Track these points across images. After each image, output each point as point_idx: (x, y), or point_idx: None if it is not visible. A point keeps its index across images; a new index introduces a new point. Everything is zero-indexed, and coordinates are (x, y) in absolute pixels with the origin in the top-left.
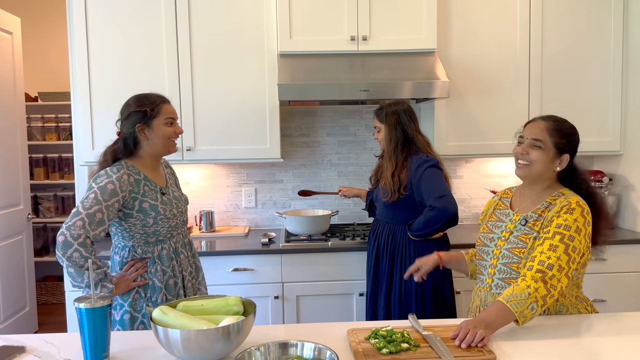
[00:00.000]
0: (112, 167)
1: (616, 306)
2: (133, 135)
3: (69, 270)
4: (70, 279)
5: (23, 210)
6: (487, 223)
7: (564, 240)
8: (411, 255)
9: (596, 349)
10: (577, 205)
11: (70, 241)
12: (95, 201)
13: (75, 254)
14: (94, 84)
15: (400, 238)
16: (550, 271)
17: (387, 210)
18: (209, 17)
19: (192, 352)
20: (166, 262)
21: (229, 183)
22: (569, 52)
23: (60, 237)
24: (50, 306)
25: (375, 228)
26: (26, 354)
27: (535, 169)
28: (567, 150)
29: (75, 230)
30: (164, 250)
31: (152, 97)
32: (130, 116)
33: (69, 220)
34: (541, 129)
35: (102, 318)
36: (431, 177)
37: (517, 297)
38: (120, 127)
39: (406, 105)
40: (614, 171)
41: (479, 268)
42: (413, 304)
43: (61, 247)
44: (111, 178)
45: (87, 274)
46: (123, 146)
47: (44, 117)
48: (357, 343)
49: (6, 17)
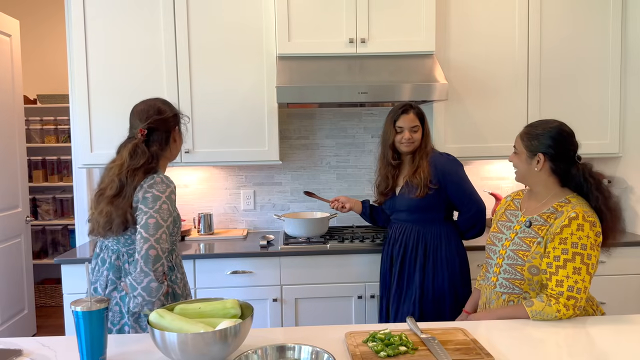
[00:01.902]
0: (163, 175)
1: (616, 308)
2: (167, 137)
3: (150, 285)
4: (145, 293)
5: (22, 212)
6: (497, 222)
7: (584, 260)
8: (443, 253)
9: (596, 351)
10: (584, 219)
11: (160, 255)
12: (169, 212)
13: (161, 267)
14: (93, 87)
15: (432, 238)
16: (579, 295)
17: (412, 214)
18: (207, 20)
19: (189, 355)
20: (180, 269)
21: (228, 185)
22: (567, 54)
23: (152, 251)
24: (48, 309)
25: (400, 232)
26: (23, 357)
27: (519, 174)
28: (540, 150)
29: (164, 243)
30: (177, 259)
31: (173, 105)
32: (169, 118)
33: (153, 232)
34: (518, 136)
35: (98, 321)
36: (465, 177)
37: (544, 315)
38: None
39: None
40: (612, 173)
41: (486, 266)
42: (447, 304)
43: (152, 261)
44: (171, 187)
45: (164, 288)
46: (159, 147)
47: (43, 119)
48: (354, 346)
49: (5, 20)
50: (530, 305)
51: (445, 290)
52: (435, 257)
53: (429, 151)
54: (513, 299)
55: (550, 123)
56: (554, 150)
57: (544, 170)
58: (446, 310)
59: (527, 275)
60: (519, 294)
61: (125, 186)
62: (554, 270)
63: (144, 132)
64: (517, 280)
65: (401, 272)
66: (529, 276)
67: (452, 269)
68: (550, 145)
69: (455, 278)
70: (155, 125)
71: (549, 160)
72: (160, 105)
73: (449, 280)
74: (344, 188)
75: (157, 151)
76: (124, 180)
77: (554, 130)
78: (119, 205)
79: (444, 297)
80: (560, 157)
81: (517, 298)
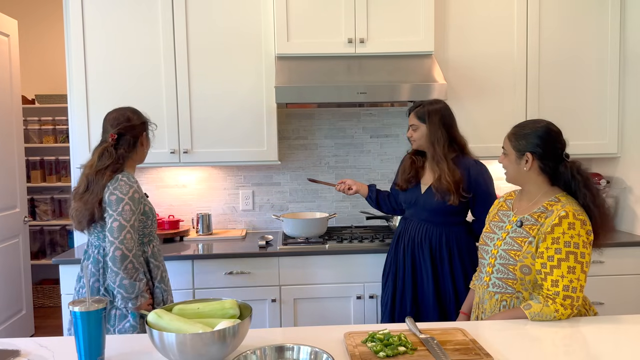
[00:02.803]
0: (127, 174)
1: (614, 309)
2: (134, 141)
3: (122, 283)
4: (122, 290)
5: (19, 213)
6: (490, 223)
7: (577, 259)
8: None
9: (594, 351)
10: (575, 218)
11: (126, 254)
12: (131, 212)
13: (130, 265)
14: (91, 87)
15: (454, 242)
16: (575, 294)
17: (436, 214)
18: (206, 19)
19: (187, 355)
20: (158, 257)
21: (226, 186)
22: (566, 54)
23: (117, 252)
24: (46, 309)
25: (418, 231)
26: (20, 357)
27: (508, 175)
28: (528, 149)
29: (128, 242)
30: (155, 248)
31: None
32: (137, 125)
33: (117, 234)
34: (505, 137)
35: (96, 322)
36: (493, 192)
37: (542, 316)
38: (118, 132)
39: (444, 103)
40: (611, 174)
41: (479, 266)
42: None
43: (119, 261)
44: (134, 187)
45: (138, 285)
46: (125, 151)
47: (41, 119)
48: (353, 346)
49: (3, 20)
50: (529, 308)
51: (462, 292)
52: (459, 258)
53: (442, 154)
54: (506, 299)
55: (538, 123)
56: (542, 149)
57: (533, 169)
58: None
59: (519, 275)
60: (512, 293)
61: (92, 184)
62: (548, 271)
63: (114, 136)
64: (509, 280)
65: (415, 271)
66: (521, 275)
67: (468, 271)
68: (538, 144)
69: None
70: (124, 131)
71: (537, 159)
72: (130, 114)
73: (464, 282)
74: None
75: (124, 153)
76: (92, 179)
77: (541, 129)
78: (87, 201)
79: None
80: (548, 155)
81: (509, 298)
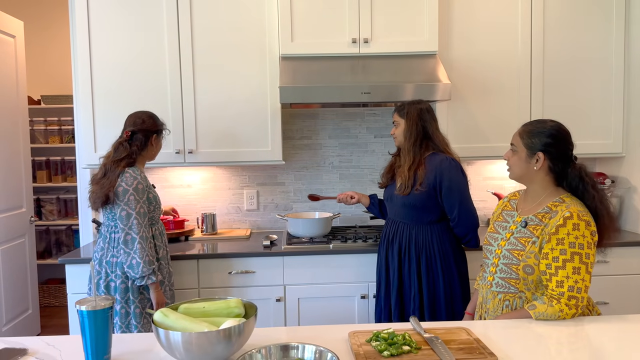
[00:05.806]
0: (135, 168)
1: (619, 308)
2: (146, 141)
3: (132, 262)
4: (131, 270)
5: (26, 212)
6: (494, 223)
7: (582, 260)
8: (437, 256)
9: (598, 351)
10: (579, 219)
11: (135, 237)
12: (136, 201)
13: (139, 245)
14: (96, 87)
15: (424, 240)
16: (579, 294)
17: (405, 210)
18: (210, 20)
19: (193, 354)
20: (160, 239)
21: (231, 185)
22: (570, 53)
23: (128, 237)
24: (52, 309)
25: (393, 229)
26: (28, 356)
27: (515, 172)
28: (540, 149)
29: (136, 228)
30: (157, 231)
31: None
32: (150, 127)
33: (126, 222)
34: (516, 134)
35: (103, 320)
36: (460, 186)
37: (547, 316)
38: (132, 130)
39: (428, 105)
40: (616, 173)
41: (483, 266)
42: (442, 306)
43: (130, 243)
44: (137, 179)
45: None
46: (137, 147)
47: (47, 120)
48: (358, 345)
49: (9, 21)
50: (533, 309)
51: (439, 290)
52: (428, 257)
53: (410, 147)
54: (508, 299)
55: (549, 122)
56: (554, 149)
57: (542, 169)
58: (442, 311)
59: (522, 275)
60: (515, 293)
61: (109, 172)
62: (553, 272)
63: (128, 133)
64: (512, 280)
65: (393, 271)
66: (523, 275)
67: (447, 269)
68: (551, 143)
69: (452, 278)
70: (137, 130)
71: (548, 159)
72: (145, 117)
73: (443, 280)
74: (346, 188)
75: (136, 150)
76: (109, 167)
77: (554, 128)
78: (103, 185)
79: (438, 296)
80: (560, 156)
81: (512, 297)
